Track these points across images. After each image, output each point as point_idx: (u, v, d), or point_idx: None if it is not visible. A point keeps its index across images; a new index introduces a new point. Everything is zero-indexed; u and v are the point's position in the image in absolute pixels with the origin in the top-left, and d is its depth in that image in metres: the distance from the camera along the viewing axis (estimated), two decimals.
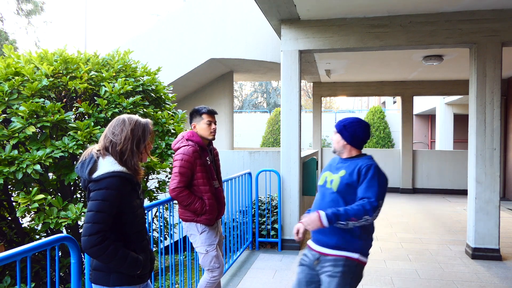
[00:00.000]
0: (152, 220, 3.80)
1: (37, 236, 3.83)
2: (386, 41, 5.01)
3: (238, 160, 7.37)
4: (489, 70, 4.82)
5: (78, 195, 4.24)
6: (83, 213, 3.35)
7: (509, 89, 9.62)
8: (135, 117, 1.92)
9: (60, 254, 3.84)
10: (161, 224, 3.58)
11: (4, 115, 3.45)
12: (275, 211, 5.59)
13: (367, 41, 5.04)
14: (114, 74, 4.20)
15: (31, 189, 3.39)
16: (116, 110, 3.82)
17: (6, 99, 3.40)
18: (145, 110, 4.19)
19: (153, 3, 45.87)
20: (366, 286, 4.05)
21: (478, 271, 4.46)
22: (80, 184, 4.16)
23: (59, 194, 3.82)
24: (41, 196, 3.27)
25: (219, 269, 3.07)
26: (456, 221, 7.01)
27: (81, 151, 3.47)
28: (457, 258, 4.92)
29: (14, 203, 3.66)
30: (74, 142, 3.45)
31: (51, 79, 3.69)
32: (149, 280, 2.05)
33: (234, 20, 7.64)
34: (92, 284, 1.89)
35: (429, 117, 18.26)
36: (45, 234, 3.84)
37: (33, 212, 3.61)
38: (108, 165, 1.80)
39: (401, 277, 4.29)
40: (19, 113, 3.32)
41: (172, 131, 4.52)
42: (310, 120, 11.70)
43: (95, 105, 3.83)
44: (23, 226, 3.93)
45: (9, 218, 3.91)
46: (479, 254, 4.85)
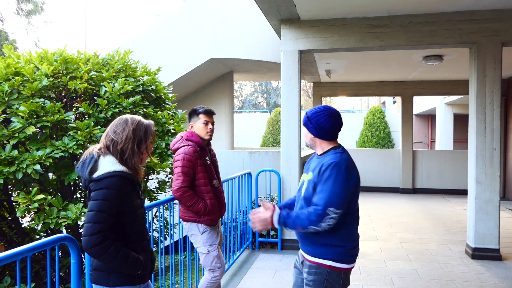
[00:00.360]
0: (152, 220, 3.80)
1: (37, 236, 3.82)
2: (386, 41, 5.01)
3: (238, 160, 7.37)
4: (489, 70, 4.82)
5: (78, 195, 4.24)
6: (83, 213, 3.35)
7: (509, 89, 9.62)
8: (138, 118, 1.93)
9: (60, 254, 3.84)
10: (161, 224, 3.58)
11: (4, 115, 3.45)
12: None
13: (367, 41, 5.04)
14: (114, 74, 4.20)
15: (31, 189, 3.39)
16: (116, 110, 3.82)
17: (6, 99, 3.40)
18: (145, 110, 4.19)
19: (153, 3, 45.88)
20: (366, 286, 4.05)
21: (478, 271, 4.46)
22: (81, 184, 4.16)
23: (59, 194, 3.82)
24: (41, 196, 3.27)
25: (220, 269, 3.06)
26: (456, 221, 7.01)
27: (81, 151, 3.47)
28: (457, 258, 4.92)
29: (14, 203, 3.66)
30: (74, 142, 3.45)
31: (51, 79, 3.68)
32: (150, 280, 2.05)
33: (234, 20, 7.64)
34: (93, 284, 1.89)
35: (429, 117, 18.27)
36: (45, 234, 3.83)
37: (33, 212, 3.61)
38: (109, 165, 1.80)
39: (401, 277, 4.29)
40: (19, 113, 3.32)
41: (172, 131, 4.52)
42: None
43: (95, 105, 3.83)
44: (23, 226, 3.93)
45: (9, 218, 3.91)
46: (479, 254, 4.85)
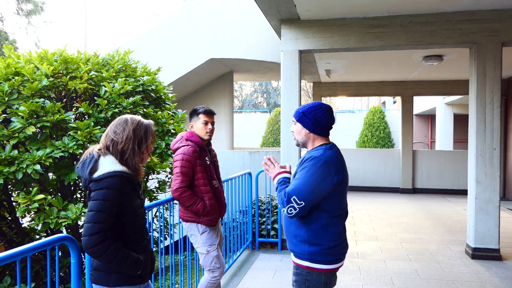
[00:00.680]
0: (152, 220, 3.80)
1: (37, 236, 3.83)
2: (386, 41, 5.00)
3: (238, 160, 7.37)
4: (489, 70, 4.82)
5: (78, 195, 4.24)
6: (83, 213, 3.35)
7: (509, 89, 9.62)
8: (138, 118, 1.93)
9: (60, 254, 3.84)
10: (161, 224, 3.58)
11: (4, 115, 3.45)
12: (275, 211, 5.59)
13: (367, 41, 5.04)
14: (114, 74, 4.20)
15: (31, 189, 3.39)
16: (116, 110, 3.82)
17: (6, 99, 3.40)
18: (145, 110, 4.19)
19: (153, 3, 45.88)
20: (366, 286, 4.05)
21: (478, 271, 4.46)
22: (81, 184, 4.16)
23: (59, 194, 3.82)
24: (41, 196, 3.27)
25: (220, 269, 3.06)
26: (456, 221, 7.01)
27: (81, 151, 3.47)
28: (457, 258, 4.92)
29: (14, 203, 3.66)
30: (74, 142, 3.45)
31: (51, 79, 3.68)
32: (150, 280, 2.05)
33: (234, 20, 7.64)
34: (93, 284, 1.89)
35: (429, 117, 18.27)
36: (45, 234, 3.84)
37: (33, 212, 3.61)
38: (109, 165, 1.80)
39: (401, 277, 4.29)
40: (19, 113, 3.32)
41: (172, 131, 4.52)
42: None
43: (95, 105, 3.83)
44: (23, 226, 3.93)
45: (9, 218, 3.91)
46: (479, 254, 4.85)
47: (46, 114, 3.40)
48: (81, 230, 4.14)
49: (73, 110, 4.00)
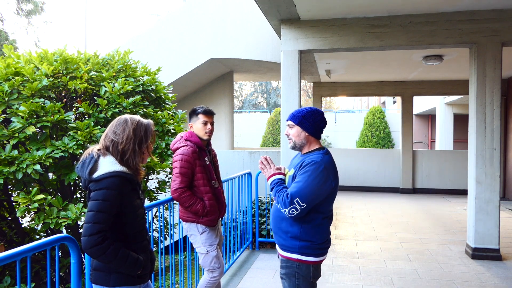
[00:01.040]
0: (152, 220, 3.80)
1: (37, 236, 3.83)
2: (386, 41, 5.00)
3: (238, 160, 7.38)
4: (489, 70, 4.82)
5: (78, 195, 4.24)
6: (83, 213, 3.35)
7: (509, 89, 9.62)
8: (137, 117, 1.92)
9: (60, 254, 3.84)
10: (161, 224, 3.58)
11: (4, 115, 3.45)
12: None
13: (367, 41, 5.04)
14: (114, 74, 4.20)
15: (31, 189, 3.39)
16: (116, 110, 3.82)
17: (6, 99, 3.40)
18: (145, 110, 4.19)
19: (153, 3, 45.89)
20: (366, 286, 4.05)
21: (478, 271, 4.46)
22: (81, 184, 4.16)
23: (59, 194, 3.82)
24: (41, 196, 3.27)
25: (219, 270, 3.06)
26: (456, 221, 7.00)
27: (81, 151, 3.47)
28: (457, 258, 4.92)
29: (14, 203, 3.66)
30: (74, 142, 3.45)
31: (51, 79, 3.68)
32: (150, 280, 2.05)
33: (234, 20, 7.64)
34: (92, 284, 1.89)
35: (429, 117, 18.27)
36: (45, 234, 3.84)
37: (33, 212, 3.61)
38: (109, 165, 1.80)
39: (401, 277, 4.29)
40: (19, 113, 3.32)
41: (172, 131, 4.52)
42: None
43: (95, 105, 3.83)
44: (23, 226, 3.93)
45: (9, 218, 3.91)
46: (479, 254, 4.85)
47: (46, 114, 3.40)
48: (81, 230, 4.14)
49: (73, 110, 4.00)
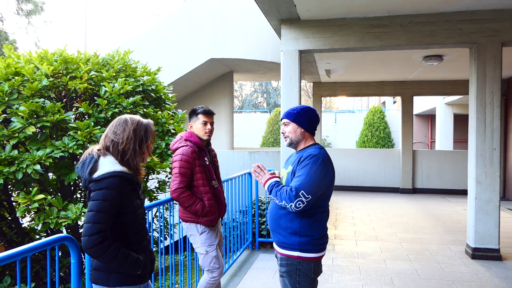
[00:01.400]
0: (152, 220, 3.80)
1: (37, 236, 3.83)
2: (386, 41, 5.00)
3: (238, 160, 7.38)
4: (489, 70, 4.82)
5: (78, 195, 4.24)
6: (83, 213, 3.35)
7: (509, 89, 9.62)
8: (137, 117, 1.92)
9: (60, 254, 3.84)
10: (161, 224, 3.58)
11: (4, 115, 3.45)
12: None
13: (367, 41, 5.04)
14: (114, 74, 4.20)
15: (31, 189, 3.39)
16: (116, 110, 3.82)
17: (6, 99, 3.40)
18: (145, 110, 4.19)
19: (153, 3, 45.90)
20: (366, 286, 4.05)
21: (478, 271, 4.46)
22: (81, 184, 4.16)
23: (59, 194, 3.82)
24: (41, 196, 3.27)
25: (219, 270, 3.06)
26: (456, 221, 7.01)
27: (81, 151, 3.47)
28: (457, 258, 4.92)
29: (14, 203, 3.66)
30: (74, 142, 3.45)
31: (51, 79, 3.69)
32: (150, 280, 2.05)
33: (234, 20, 7.64)
34: (92, 284, 1.89)
35: (429, 117, 18.27)
36: (45, 234, 3.84)
37: (33, 212, 3.61)
38: (109, 165, 1.80)
39: (401, 277, 4.29)
40: (19, 113, 3.32)
41: (172, 131, 4.52)
42: None
43: (95, 105, 3.83)
44: (23, 226, 3.93)
45: (9, 218, 3.91)
46: (479, 254, 4.85)
47: (46, 114, 3.40)
48: (81, 230, 4.14)
49: (73, 110, 4.00)
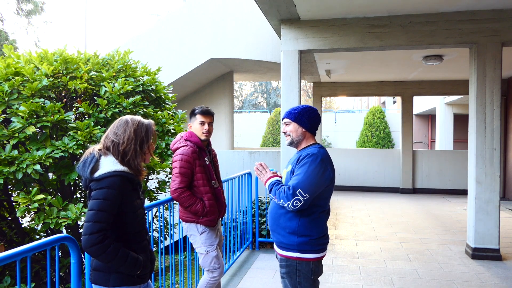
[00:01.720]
0: (152, 220, 3.80)
1: (37, 236, 3.83)
2: (386, 41, 5.00)
3: (238, 160, 7.38)
4: (489, 70, 4.82)
5: (78, 195, 4.24)
6: (83, 213, 3.35)
7: (509, 89, 9.62)
8: (138, 118, 1.93)
9: (60, 254, 3.84)
10: (161, 224, 3.58)
11: (4, 115, 3.45)
12: None
13: (367, 41, 5.04)
14: (114, 74, 4.20)
15: (31, 189, 3.39)
16: (116, 110, 3.82)
17: (6, 99, 3.40)
18: (145, 110, 4.19)
19: (153, 3, 45.91)
20: (366, 286, 4.05)
21: (478, 271, 4.46)
22: (81, 184, 4.16)
23: (59, 194, 3.82)
24: (41, 196, 3.27)
25: (219, 270, 3.06)
26: (456, 221, 7.01)
27: (81, 151, 3.47)
28: (457, 258, 4.92)
29: (14, 203, 3.66)
30: (74, 142, 3.45)
31: (51, 79, 3.69)
32: (150, 280, 2.05)
33: (234, 20, 7.64)
34: (92, 284, 1.89)
35: (429, 117, 18.27)
36: (45, 234, 3.84)
37: (33, 212, 3.61)
38: (110, 165, 1.80)
39: (401, 277, 4.29)
40: (19, 113, 3.32)
41: (172, 131, 4.52)
42: None
43: (95, 105, 3.83)
44: (23, 226, 3.93)
45: (9, 218, 3.91)
46: (479, 254, 4.85)
47: (46, 114, 3.40)
48: (81, 230, 4.14)
49: (73, 110, 4.00)
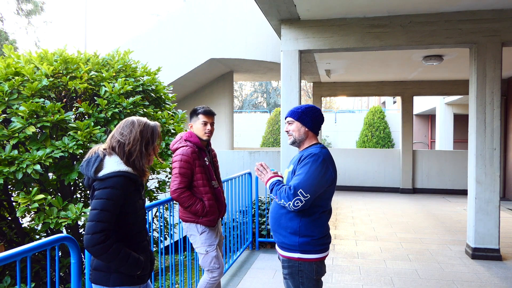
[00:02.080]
0: (152, 220, 3.80)
1: (37, 236, 3.83)
2: (386, 41, 5.00)
3: (238, 160, 7.38)
4: (489, 70, 4.82)
5: (78, 195, 4.24)
6: (83, 213, 3.35)
7: (509, 89, 9.62)
8: (144, 119, 1.94)
9: (60, 254, 3.84)
10: (161, 224, 3.58)
11: (4, 115, 3.45)
12: None
13: (367, 41, 5.04)
14: (114, 74, 4.20)
15: (31, 189, 3.39)
16: (116, 110, 3.82)
17: (6, 99, 3.40)
18: (145, 110, 4.19)
19: (153, 3, 45.91)
20: (366, 286, 4.05)
21: (478, 271, 4.46)
22: (81, 184, 4.16)
23: (59, 194, 3.83)
24: (41, 196, 3.27)
25: (219, 270, 3.06)
26: (456, 221, 7.01)
27: (81, 151, 3.47)
28: (457, 258, 4.92)
29: (14, 203, 3.66)
30: (74, 142, 3.45)
31: (51, 79, 3.69)
32: (149, 281, 2.05)
33: (234, 20, 7.64)
34: (92, 284, 1.89)
35: (429, 117, 18.27)
36: (45, 234, 3.84)
37: (33, 212, 3.61)
38: (114, 165, 1.81)
39: (401, 277, 4.29)
40: (19, 113, 3.32)
41: (172, 131, 4.52)
42: None
43: (95, 105, 3.83)
44: (23, 226, 3.94)
45: (9, 218, 3.91)
46: (479, 254, 4.85)
47: (46, 114, 3.40)
48: (81, 230, 4.14)
49: (73, 110, 4.00)
